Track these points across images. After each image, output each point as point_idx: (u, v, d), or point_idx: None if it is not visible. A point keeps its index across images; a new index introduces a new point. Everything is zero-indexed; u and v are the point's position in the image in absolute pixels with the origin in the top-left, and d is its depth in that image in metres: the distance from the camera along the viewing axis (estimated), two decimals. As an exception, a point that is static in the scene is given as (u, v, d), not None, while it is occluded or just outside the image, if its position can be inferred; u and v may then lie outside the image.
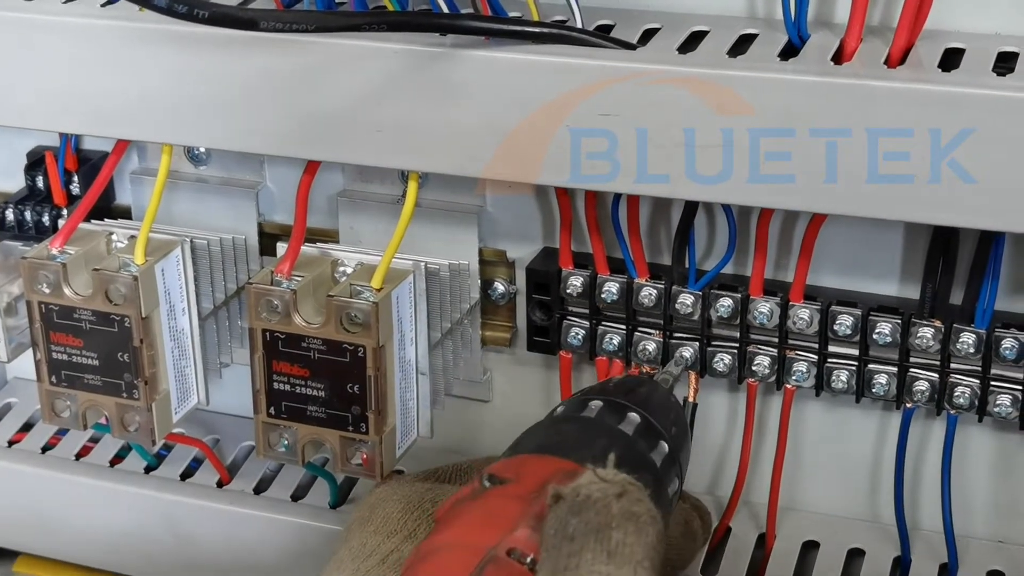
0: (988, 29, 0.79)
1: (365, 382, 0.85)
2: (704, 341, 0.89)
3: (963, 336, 0.83)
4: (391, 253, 0.85)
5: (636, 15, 0.82)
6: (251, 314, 0.86)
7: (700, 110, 0.74)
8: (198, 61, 0.82)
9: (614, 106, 0.76)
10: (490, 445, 1.01)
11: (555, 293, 0.91)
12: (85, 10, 0.85)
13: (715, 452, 0.96)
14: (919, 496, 0.91)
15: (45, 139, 1.01)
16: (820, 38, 0.78)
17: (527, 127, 0.77)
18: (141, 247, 0.88)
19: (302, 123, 0.82)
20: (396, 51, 0.78)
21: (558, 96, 0.77)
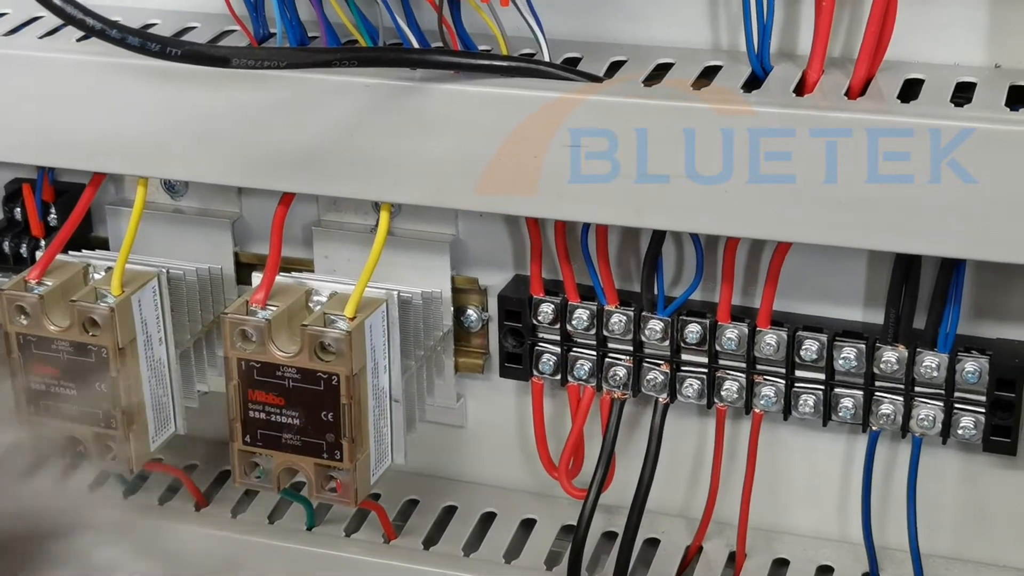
0: (947, 60, 0.80)
1: (339, 410, 0.86)
2: (673, 366, 0.91)
3: (926, 360, 0.85)
4: (364, 282, 0.86)
5: (603, 48, 0.84)
6: (226, 344, 0.87)
7: (668, 140, 0.76)
8: (173, 96, 0.83)
9: (581, 139, 0.77)
10: (464, 470, 1.02)
11: (527, 320, 0.93)
12: (61, 45, 0.87)
13: (687, 474, 0.97)
14: (886, 515, 0.93)
15: (22, 171, 1.02)
16: (783, 70, 0.80)
17: (496, 159, 0.79)
18: (117, 279, 0.89)
19: (276, 155, 0.83)
20: (367, 85, 0.80)
21: (525, 127, 0.78)
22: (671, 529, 0.98)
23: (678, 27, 0.84)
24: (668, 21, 0.84)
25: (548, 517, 0.99)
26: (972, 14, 0.79)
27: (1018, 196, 0.73)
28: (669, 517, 0.98)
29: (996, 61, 0.80)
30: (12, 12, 0.91)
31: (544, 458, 0.95)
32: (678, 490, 0.98)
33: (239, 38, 0.87)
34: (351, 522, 0.99)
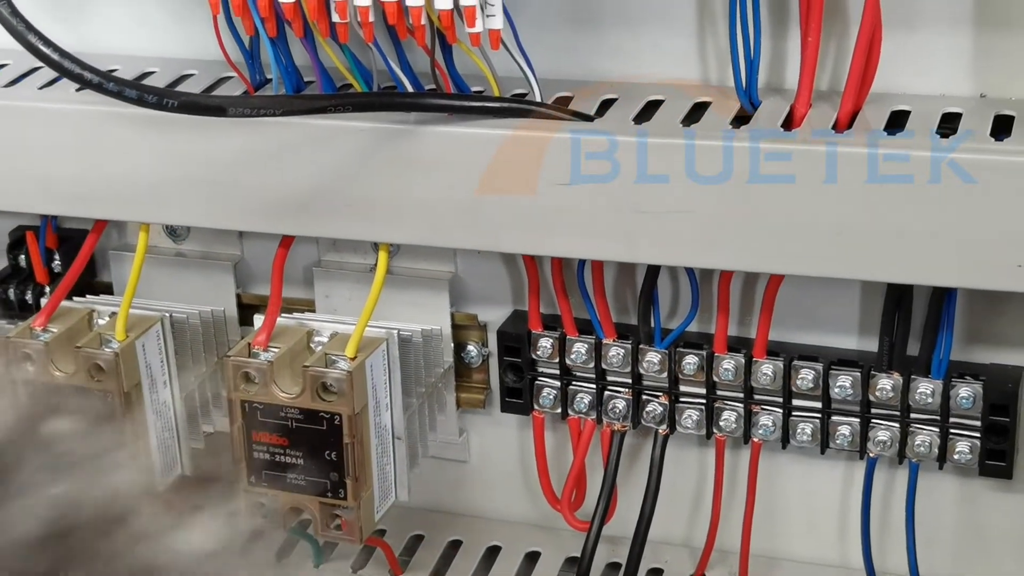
0: (933, 90, 0.81)
1: (342, 449, 0.87)
2: (672, 398, 0.92)
3: (921, 387, 0.86)
4: (364, 322, 0.87)
5: (593, 86, 0.85)
6: (229, 386, 0.88)
7: (660, 176, 0.77)
8: (173, 143, 0.85)
9: (573, 176, 0.78)
10: (468, 504, 1.03)
11: (526, 355, 0.94)
12: (60, 95, 0.88)
13: (688, 504, 0.98)
14: (885, 540, 0.93)
15: (26, 219, 1.03)
16: (771, 104, 0.81)
17: (491, 198, 0.80)
18: (121, 324, 0.91)
19: (276, 199, 0.85)
20: (363, 129, 0.81)
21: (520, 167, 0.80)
22: (674, 559, 0.99)
23: (668, 64, 0.85)
24: (657, 58, 0.85)
25: (552, 549, 1.00)
26: (956, 44, 0.80)
27: (1006, 224, 0.74)
28: (672, 547, 0.99)
29: (981, 91, 0.81)
30: (12, 63, 0.92)
31: (547, 491, 0.96)
32: (680, 520, 0.99)
33: (236, 84, 0.88)
34: (358, 559, 1.00)
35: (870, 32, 0.76)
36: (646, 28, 0.84)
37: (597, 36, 0.85)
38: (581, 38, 0.86)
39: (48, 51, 0.71)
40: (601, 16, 0.85)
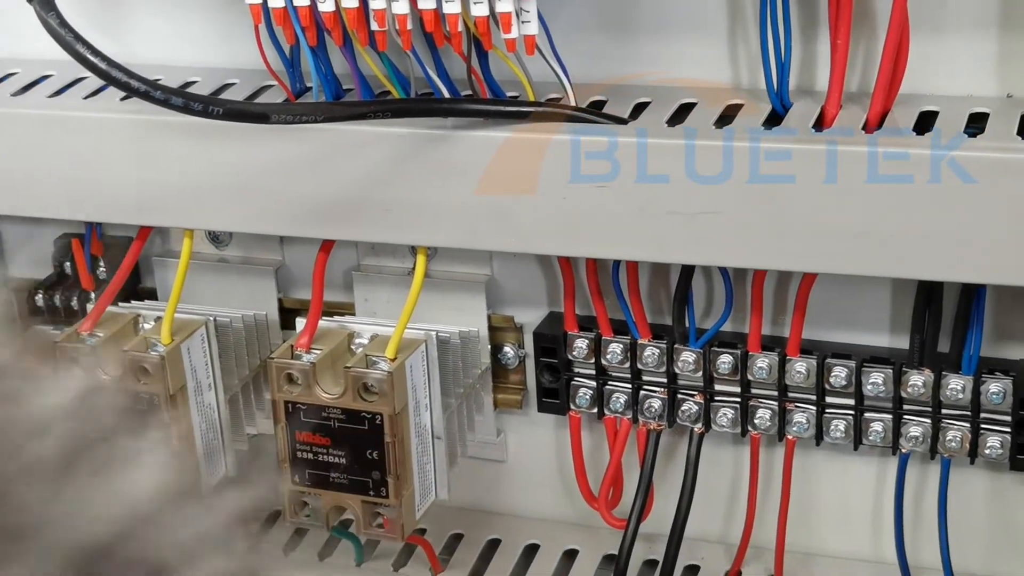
0: (960, 91, 0.83)
1: (384, 448, 0.89)
2: (707, 397, 0.93)
3: (952, 383, 0.87)
4: (403, 324, 0.89)
5: (627, 90, 0.86)
6: (273, 387, 0.90)
7: (692, 178, 0.79)
8: (216, 151, 0.86)
9: (608, 178, 0.80)
10: (506, 503, 1.05)
11: (562, 356, 0.95)
12: (105, 105, 0.90)
13: (724, 501, 1.00)
14: (918, 535, 0.95)
15: (71, 226, 1.05)
16: (802, 106, 0.82)
17: (526, 200, 0.82)
18: (167, 328, 0.92)
19: (316, 205, 0.86)
20: (401, 135, 0.83)
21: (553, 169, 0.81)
22: (710, 555, 1.00)
23: (700, 68, 0.86)
24: (690, 63, 0.86)
25: (590, 547, 1.02)
26: (982, 46, 0.81)
27: (1033, 221, 0.75)
28: (708, 543, 1.00)
29: (1008, 91, 0.82)
30: (56, 74, 0.94)
31: (584, 489, 0.98)
32: (716, 517, 1.00)
33: (277, 93, 0.90)
34: (399, 557, 1.02)
35: (898, 35, 0.78)
36: (679, 33, 0.86)
37: (631, 41, 0.87)
38: (615, 43, 0.87)
39: (96, 60, 0.73)
40: (634, 22, 0.86)
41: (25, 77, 0.94)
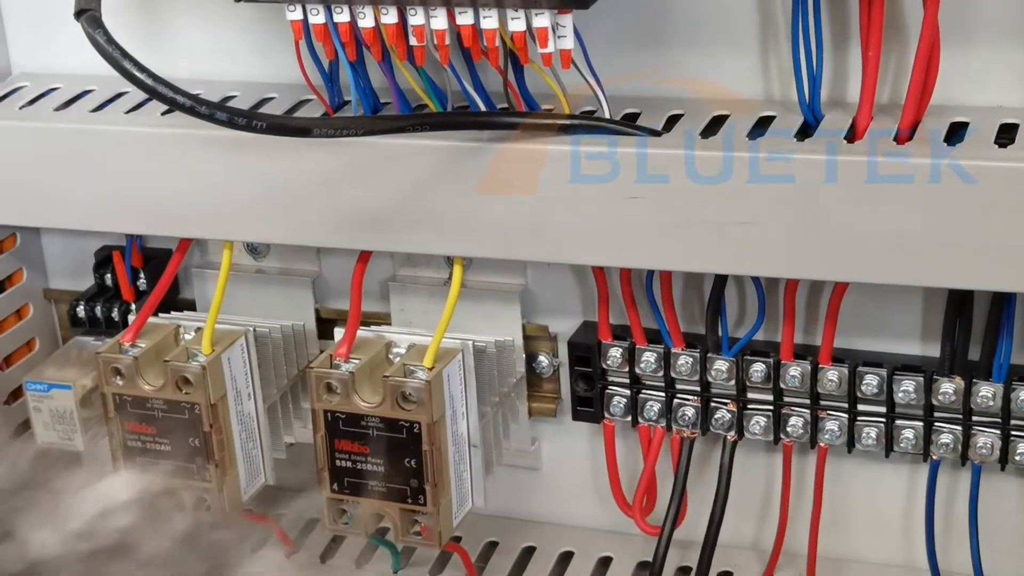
0: (990, 102, 0.83)
1: (422, 456, 0.90)
2: (740, 405, 0.94)
3: (982, 390, 0.88)
4: (440, 334, 0.90)
5: (660, 102, 0.87)
6: (312, 396, 0.91)
7: (727, 189, 0.80)
8: (255, 163, 0.87)
9: (642, 189, 0.81)
10: (541, 511, 1.06)
11: (596, 364, 0.96)
12: (146, 119, 0.91)
13: (757, 508, 1.01)
14: (950, 541, 0.95)
15: (112, 239, 1.06)
16: (833, 117, 0.83)
17: (560, 211, 0.83)
18: (208, 338, 0.94)
19: (353, 216, 0.87)
20: (438, 147, 0.84)
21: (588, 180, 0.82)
22: (743, 562, 1.01)
23: (732, 81, 0.87)
24: (722, 76, 0.87)
25: (624, 554, 1.03)
26: (1012, 58, 0.82)
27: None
28: (741, 550, 1.01)
29: (1037, 102, 0.83)
30: (97, 89, 0.95)
31: (618, 497, 0.99)
32: (748, 524, 1.01)
33: (315, 107, 0.91)
34: (435, 564, 1.03)
35: (929, 46, 0.78)
36: (711, 47, 0.87)
37: (664, 55, 0.88)
38: (648, 57, 0.88)
39: (143, 77, 0.74)
40: (668, 36, 0.87)
41: (67, 92, 0.96)
